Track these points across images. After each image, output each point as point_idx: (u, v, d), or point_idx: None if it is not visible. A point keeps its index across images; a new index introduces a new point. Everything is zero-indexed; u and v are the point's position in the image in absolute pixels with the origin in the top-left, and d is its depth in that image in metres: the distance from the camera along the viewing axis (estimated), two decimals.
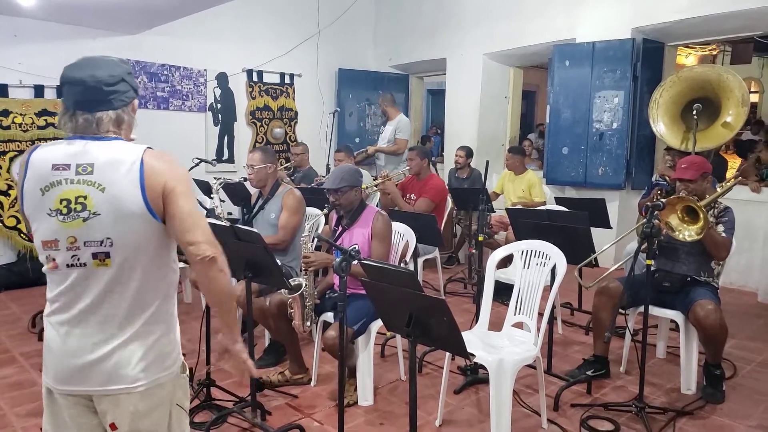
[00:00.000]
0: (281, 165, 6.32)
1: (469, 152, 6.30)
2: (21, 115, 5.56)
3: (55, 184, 1.47)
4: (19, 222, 5.58)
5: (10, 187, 5.53)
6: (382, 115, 6.87)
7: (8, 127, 5.51)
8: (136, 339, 1.52)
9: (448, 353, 2.98)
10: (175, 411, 1.61)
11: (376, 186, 5.29)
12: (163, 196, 1.49)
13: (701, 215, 3.04)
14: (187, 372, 1.68)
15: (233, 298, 1.67)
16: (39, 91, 5.66)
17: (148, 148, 1.52)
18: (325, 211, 3.35)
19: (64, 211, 1.47)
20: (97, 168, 1.47)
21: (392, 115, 6.80)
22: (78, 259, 1.49)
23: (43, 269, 1.55)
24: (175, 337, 1.63)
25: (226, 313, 1.65)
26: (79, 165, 1.47)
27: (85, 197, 1.46)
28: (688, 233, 3.11)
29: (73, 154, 1.49)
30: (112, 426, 1.53)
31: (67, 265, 1.50)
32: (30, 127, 5.60)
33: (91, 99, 1.49)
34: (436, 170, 6.71)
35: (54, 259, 1.51)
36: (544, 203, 5.56)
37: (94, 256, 1.48)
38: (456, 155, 6.32)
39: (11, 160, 5.52)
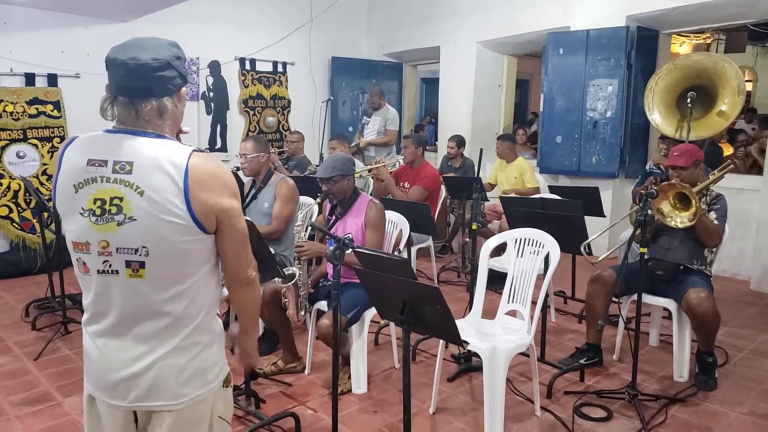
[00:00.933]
0: (275, 151, 6.30)
1: (459, 142, 6.29)
2: (12, 103, 5.50)
3: (89, 182, 1.34)
4: (11, 211, 5.54)
5: (1, 176, 5.48)
6: (370, 107, 6.83)
7: None
8: (176, 354, 1.41)
9: (441, 341, 2.99)
10: (217, 423, 1.51)
11: (369, 171, 5.27)
12: (217, 216, 1.37)
13: (693, 201, 3.05)
14: (232, 385, 1.60)
15: (259, 308, 1.67)
16: (30, 79, 5.60)
17: (195, 150, 1.38)
18: (318, 200, 3.33)
19: (98, 212, 1.33)
20: (136, 167, 1.32)
21: (381, 108, 6.78)
22: (110, 266, 1.35)
23: (75, 272, 1.44)
24: (219, 349, 1.52)
25: (251, 324, 1.70)
26: (117, 162, 1.33)
27: (121, 199, 1.32)
28: (680, 220, 3.12)
29: (112, 149, 1.34)
30: None
31: (98, 271, 1.37)
32: (21, 115, 5.54)
33: (131, 84, 1.34)
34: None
35: (85, 263, 1.38)
36: (538, 189, 5.57)
37: (128, 264, 1.34)
38: (447, 146, 6.32)
39: (2, 149, 5.47)
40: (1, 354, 3.69)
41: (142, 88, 1.35)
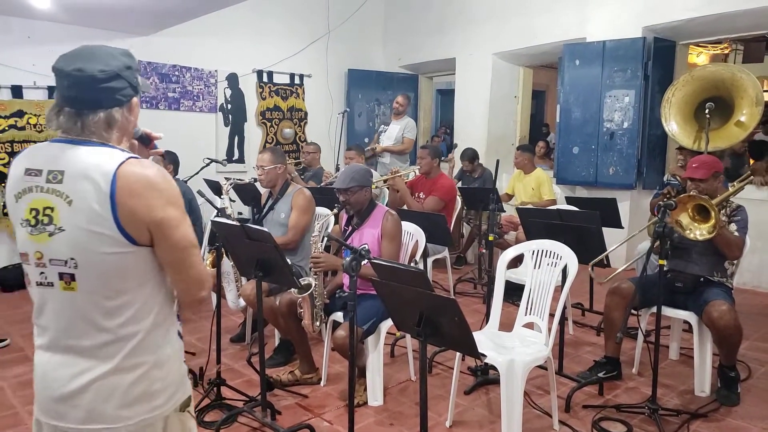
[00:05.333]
0: (292, 162, 6.34)
1: (471, 157, 6.31)
2: (35, 115, 5.62)
3: (26, 191, 1.31)
4: None
5: None
6: (393, 113, 6.87)
7: (23, 128, 5.57)
8: (117, 373, 1.32)
9: (458, 353, 2.97)
10: None
11: (385, 182, 5.28)
12: (150, 227, 1.29)
13: (713, 214, 3.00)
14: (192, 407, 1.49)
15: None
16: (52, 92, 5.69)
17: (132, 157, 1.30)
18: (335, 210, 3.35)
19: (33, 222, 1.29)
20: (67, 176, 1.27)
21: (402, 115, 6.82)
22: (45, 278, 1.31)
23: None
24: (172, 371, 1.41)
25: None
26: (51, 171, 1.28)
27: (52, 209, 1.27)
28: (699, 232, 3.06)
29: (48, 158, 1.30)
30: None
31: (37, 283, 1.33)
32: (44, 127, 5.65)
33: (77, 96, 1.29)
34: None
35: (27, 274, 1.36)
36: (554, 201, 5.53)
37: (60, 276, 1.29)
38: (462, 164, 6.35)
39: None
40: (20, 364, 3.73)
41: (89, 99, 1.30)
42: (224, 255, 3.30)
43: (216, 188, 4.84)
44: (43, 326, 1.37)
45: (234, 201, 3.80)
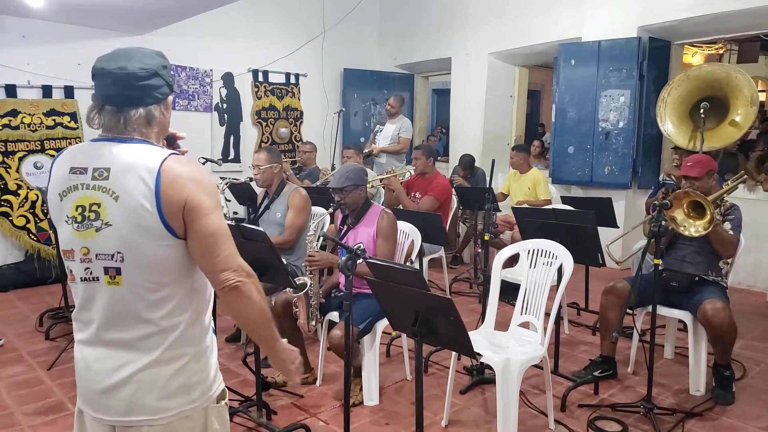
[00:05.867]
0: (288, 161, 6.33)
1: (466, 165, 6.32)
2: (30, 115, 5.59)
3: (72, 189, 1.36)
4: (28, 222, 5.61)
5: (19, 186, 5.56)
6: (387, 114, 6.87)
7: (17, 127, 5.54)
8: (158, 365, 1.37)
9: (453, 353, 2.97)
10: None
11: (380, 181, 5.28)
12: (184, 214, 1.33)
13: (708, 210, 3.01)
14: (227, 399, 1.54)
15: (268, 322, 1.48)
16: (47, 91, 5.69)
17: (173, 153, 1.37)
18: (331, 210, 3.34)
19: (79, 218, 1.34)
20: (113, 173, 1.33)
21: (396, 116, 6.82)
22: (91, 273, 1.36)
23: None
24: (207, 365, 1.46)
25: (260, 340, 1.53)
26: (96, 169, 1.34)
27: (98, 205, 1.33)
28: (694, 229, 3.07)
29: (92, 156, 1.36)
30: None
31: (81, 279, 1.38)
32: (39, 127, 5.63)
33: (119, 93, 1.35)
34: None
35: (71, 271, 1.40)
36: (550, 201, 5.55)
37: (106, 271, 1.34)
38: (460, 174, 6.36)
39: (20, 159, 5.55)
40: (14, 364, 3.72)
41: (130, 96, 1.36)
42: None
43: None
44: (86, 321, 1.41)
45: (230, 201, 3.79)
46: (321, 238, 3.46)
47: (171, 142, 1.60)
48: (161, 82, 1.40)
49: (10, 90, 5.52)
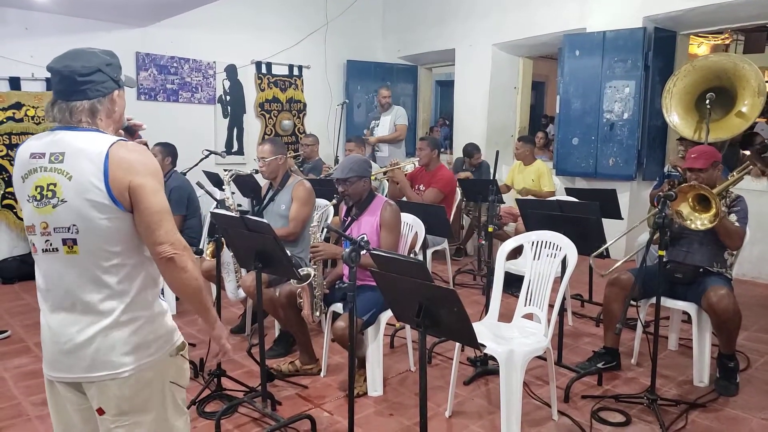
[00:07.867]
0: (291, 154, 6.33)
1: (468, 152, 6.33)
2: (33, 107, 5.60)
3: (32, 172, 1.54)
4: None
5: None
6: (380, 107, 6.88)
7: (21, 120, 5.56)
8: (117, 327, 1.55)
9: (457, 344, 2.98)
10: (169, 388, 1.65)
11: (384, 174, 5.28)
12: (130, 191, 1.51)
13: (713, 203, 2.99)
14: (185, 351, 1.72)
15: (199, 292, 1.66)
16: (50, 83, 5.68)
17: (121, 139, 1.55)
18: (334, 201, 3.34)
19: (38, 197, 1.53)
20: (67, 156, 1.51)
21: (390, 107, 6.84)
22: (51, 245, 1.54)
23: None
24: (161, 326, 1.64)
25: (195, 307, 1.70)
26: (53, 153, 1.53)
27: (55, 184, 1.51)
28: (700, 222, 3.06)
29: (49, 143, 1.55)
30: (99, 411, 1.57)
31: (43, 250, 1.56)
32: (42, 119, 5.63)
33: (66, 89, 1.55)
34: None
35: (34, 244, 1.58)
36: (553, 193, 5.53)
37: (64, 242, 1.53)
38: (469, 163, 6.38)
39: None
40: (21, 354, 3.74)
41: (75, 91, 1.55)
42: (224, 246, 3.30)
43: (216, 180, 4.84)
44: (50, 289, 1.59)
45: (234, 193, 3.79)
46: (324, 229, 3.46)
47: (131, 132, 1.75)
48: (104, 78, 1.58)
49: (14, 82, 5.53)
